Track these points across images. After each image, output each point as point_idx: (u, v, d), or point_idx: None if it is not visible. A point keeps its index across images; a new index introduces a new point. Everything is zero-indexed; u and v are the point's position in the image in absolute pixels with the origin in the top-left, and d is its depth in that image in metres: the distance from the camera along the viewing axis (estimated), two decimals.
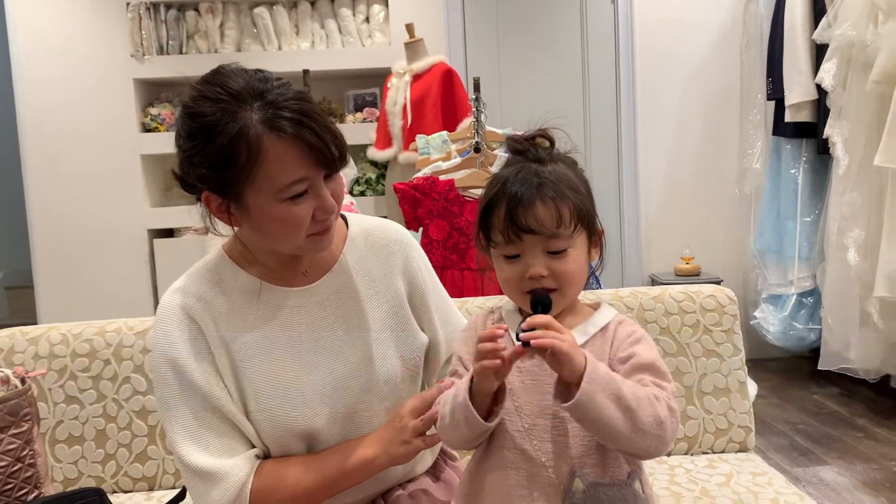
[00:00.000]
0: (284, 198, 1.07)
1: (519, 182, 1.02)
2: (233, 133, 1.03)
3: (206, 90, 1.06)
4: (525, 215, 1.00)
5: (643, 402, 0.94)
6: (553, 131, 1.11)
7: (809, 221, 3.51)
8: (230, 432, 1.13)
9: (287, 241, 1.12)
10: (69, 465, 1.62)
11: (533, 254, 1.02)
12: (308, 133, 1.05)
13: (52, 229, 4.05)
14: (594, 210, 1.07)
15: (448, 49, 3.97)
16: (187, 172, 1.10)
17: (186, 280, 1.18)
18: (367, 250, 1.25)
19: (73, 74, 3.98)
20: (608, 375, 0.94)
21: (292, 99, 1.06)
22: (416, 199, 2.21)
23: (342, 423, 1.18)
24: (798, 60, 3.39)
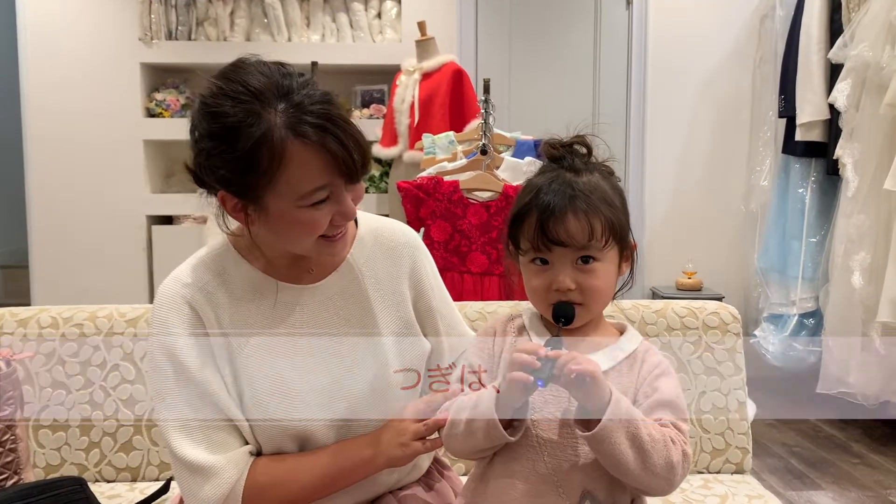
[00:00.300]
0: (305, 204, 1.03)
1: (552, 192, 1.01)
2: (256, 137, 0.99)
3: (227, 87, 1.02)
4: (556, 227, 0.99)
5: (658, 444, 0.94)
6: (591, 138, 1.08)
7: (815, 242, 3.48)
8: (224, 427, 1.10)
9: (301, 243, 1.09)
10: (52, 451, 1.58)
11: (562, 266, 1.01)
12: (332, 140, 1.01)
13: (50, 210, 4.02)
14: (627, 223, 1.05)
15: (459, 49, 3.94)
16: (205, 172, 1.06)
17: (188, 268, 1.14)
18: (375, 251, 1.22)
19: (80, 55, 3.94)
20: (629, 413, 0.94)
21: (318, 102, 1.02)
22: (420, 198, 2.18)
23: (337, 427, 1.15)
24: (811, 79, 3.36)
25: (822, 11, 3.35)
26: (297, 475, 1.11)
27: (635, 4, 4.02)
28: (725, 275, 4.04)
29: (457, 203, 2.19)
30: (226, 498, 1.07)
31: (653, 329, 1.69)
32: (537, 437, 1.00)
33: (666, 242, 4.05)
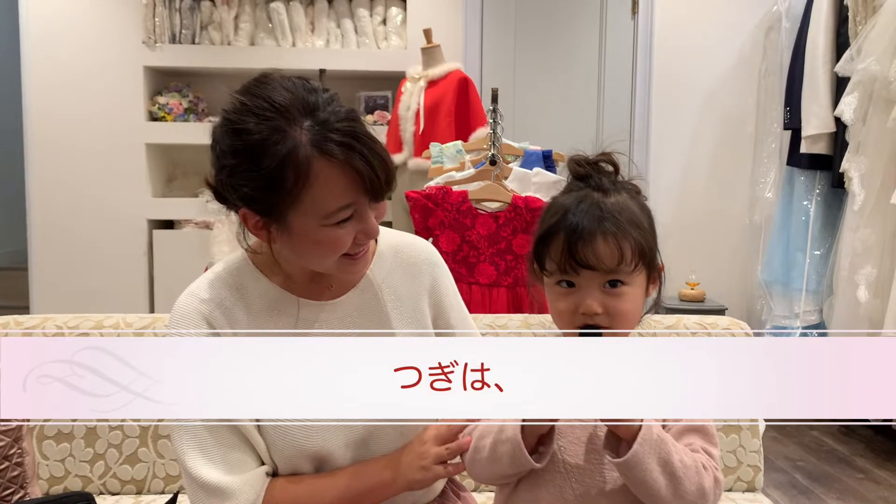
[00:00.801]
0: (330, 223, 1.02)
1: (580, 213, 0.98)
2: (282, 155, 0.97)
3: (251, 103, 1.00)
4: (584, 250, 0.96)
5: (690, 470, 0.92)
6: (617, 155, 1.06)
7: (819, 255, 3.47)
8: (241, 447, 1.08)
9: (323, 261, 1.07)
10: (56, 463, 1.56)
11: (589, 289, 0.98)
12: (358, 158, 0.99)
13: (50, 212, 3.99)
14: (656, 245, 1.03)
15: (464, 57, 3.93)
16: (227, 189, 1.03)
17: (205, 283, 1.12)
18: (395, 268, 1.20)
19: (82, 57, 3.92)
20: (660, 438, 0.92)
21: (344, 120, 1.00)
22: (428, 208, 2.16)
23: (355, 448, 1.13)
24: (817, 92, 3.36)
25: (828, 24, 3.35)
26: (314, 497, 1.09)
27: (640, 14, 4.02)
28: (729, 286, 4.03)
29: (465, 213, 2.18)
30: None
31: None
32: (564, 463, 0.99)
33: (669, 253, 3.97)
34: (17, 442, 1.28)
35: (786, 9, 3.75)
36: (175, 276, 3.87)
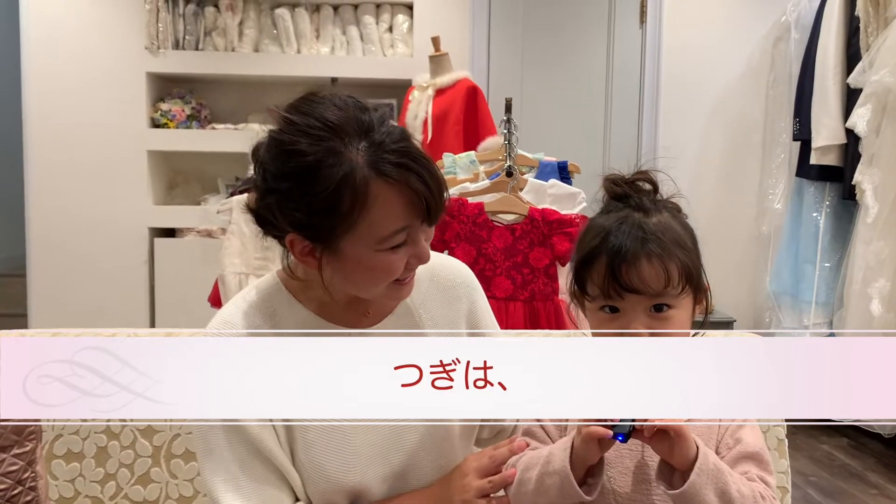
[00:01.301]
0: (384, 248, 0.97)
1: (622, 235, 0.94)
2: (338, 178, 0.93)
3: (303, 122, 0.95)
4: (629, 274, 0.93)
5: (748, 500, 0.89)
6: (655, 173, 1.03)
7: (829, 267, 3.45)
8: (276, 482, 1.03)
9: (374, 288, 1.02)
10: (65, 484, 1.51)
11: (635, 314, 0.95)
12: (415, 179, 0.95)
13: (49, 218, 3.94)
14: (701, 265, 1.00)
15: (471, 65, 3.90)
16: (274, 214, 0.98)
17: (238, 310, 1.07)
18: (431, 292, 1.15)
19: (84, 63, 3.88)
20: (716, 467, 0.88)
21: (399, 140, 0.96)
22: (445, 220, 2.12)
23: (392, 481, 1.08)
24: (828, 103, 3.34)
25: (839, 35, 3.33)
26: None
27: (649, 23, 4.00)
28: (737, 298, 4.00)
29: (481, 226, 2.14)
30: None
31: None
32: (613, 493, 0.95)
33: None
34: (30, 465, 1.23)
35: (795, 19, 3.74)
36: (176, 284, 3.85)
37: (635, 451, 0.96)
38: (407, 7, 3.99)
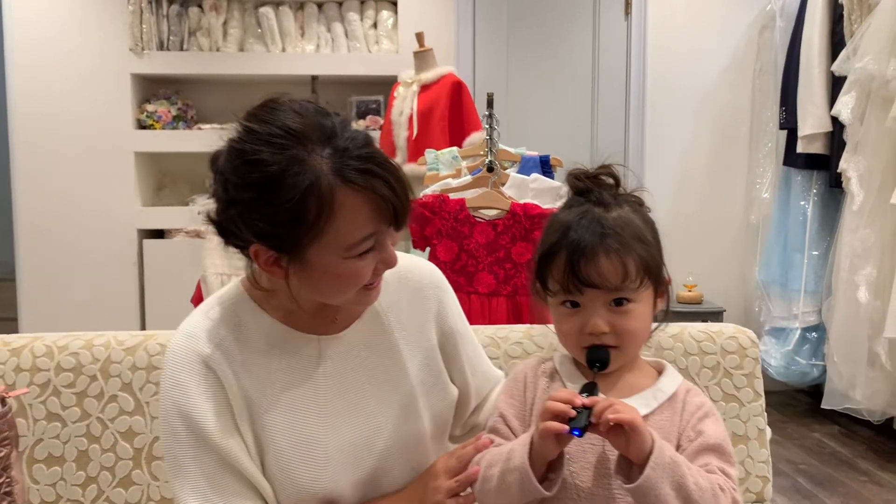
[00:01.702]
0: (352, 255, 0.96)
1: (581, 230, 0.95)
2: (303, 186, 0.90)
3: (263, 130, 0.93)
4: (587, 268, 0.93)
5: (706, 493, 0.88)
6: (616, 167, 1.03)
7: (817, 255, 3.45)
8: (247, 493, 1.02)
9: (341, 295, 1.01)
10: (47, 487, 1.51)
11: (594, 308, 0.95)
12: (381, 184, 0.93)
13: (38, 222, 3.93)
14: (662, 259, 1.00)
15: (456, 61, 3.89)
16: (237, 225, 0.96)
17: (203, 321, 1.05)
18: (399, 294, 1.14)
19: (69, 65, 3.86)
20: (673, 461, 0.87)
21: (363, 145, 0.94)
22: (425, 217, 2.12)
23: (365, 486, 1.08)
24: (813, 91, 3.34)
25: (823, 23, 3.33)
26: None
27: (634, 15, 3.99)
28: (726, 288, 4.00)
29: (463, 222, 2.14)
30: None
31: (669, 354, 1.64)
32: (576, 488, 0.95)
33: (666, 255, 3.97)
34: (5, 471, 1.23)
35: (780, 7, 3.74)
36: (166, 285, 3.84)
37: (597, 446, 0.95)
38: (391, 3, 3.98)
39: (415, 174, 3.15)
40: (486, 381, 1.22)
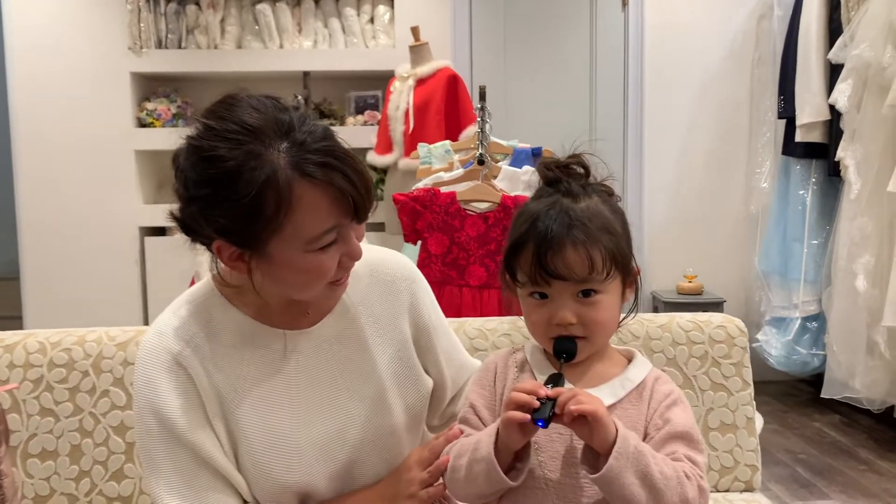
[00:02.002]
0: (313, 248, 0.96)
1: (549, 220, 0.95)
2: (260, 181, 0.91)
3: (221, 127, 0.93)
4: (554, 260, 0.94)
5: (671, 482, 0.89)
6: (588, 157, 1.03)
7: (817, 244, 3.44)
8: (222, 488, 1.03)
9: (309, 290, 1.01)
10: (41, 482, 1.53)
11: (562, 300, 0.96)
12: (340, 177, 0.94)
13: (41, 221, 3.96)
14: (630, 250, 1.00)
15: (453, 54, 3.89)
16: (198, 222, 0.97)
17: (173, 319, 1.06)
18: (371, 288, 1.14)
19: (68, 65, 3.89)
20: (637, 451, 0.88)
21: (321, 139, 0.95)
22: (416, 211, 2.13)
23: (339, 478, 1.09)
24: (811, 80, 3.32)
25: (820, 11, 3.31)
26: None
27: (631, 6, 3.98)
28: (726, 278, 4.00)
29: (454, 215, 2.14)
30: None
31: (658, 344, 1.64)
32: (544, 479, 0.95)
33: (666, 247, 4.00)
34: None
35: None
36: (168, 282, 3.85)
37: (564, 436, 0.96)
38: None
39: (411, 169, 3.16)
40: (462, 372, 1.22)
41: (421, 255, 2.16)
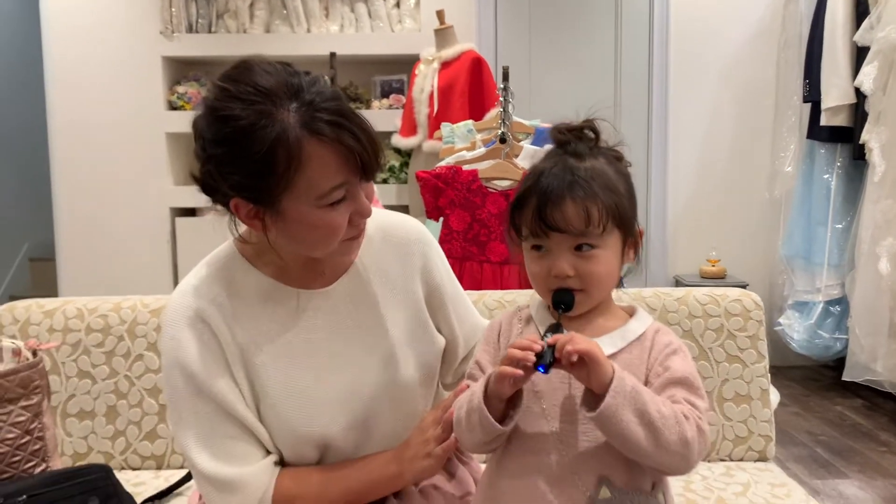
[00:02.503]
0: (324, 204, 1.01)
1: (552, 177, 0.99)
2: (271, 138, 0.96)
3: (235, 89, 0.98)
4: (553, 213, 0.97)
5: (669, 420, 0.91)
6: (601, 123, 1.06)
7: (841, 228, 3.43)
8: (246, 438, 1.09)
9: (323, 247, 1.06)
10: (79, 440, 1.61)
11: (560, 252, 0.99)
12: (348, 136, 0.99)
13: (76, 203, 4.07)
14: (632, 210, 1.03)
15: (478, 37, 3.92)
16: (215, 179, 1.02)
17: (197, 280, 1.12)
18: (384, 250, 1.19)
19: (102, 50, 3.98)
20: (635, 390, 0.91)
21: (330, 99, 1.00)
22: (439, 188, 2.18)
23: (357, 430, 1.14)
24: (837, 63, 3.30)
25: None
26: (324, 489, 1.11)
27: None
28: (749, 262, 3.99)
29: (476, 192, 2.19)
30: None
31: (674, 317, 1.68)
32: (548, 424, 0.99)
33: (689, 230, 4.01)
34: (37, 417, 1.32)
35: None
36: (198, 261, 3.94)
37: (566, 384, 0.99)
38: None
39: (435, 150, 3.21)
40: (474, 332, 1.26)
41: (443, 232, 2.21)
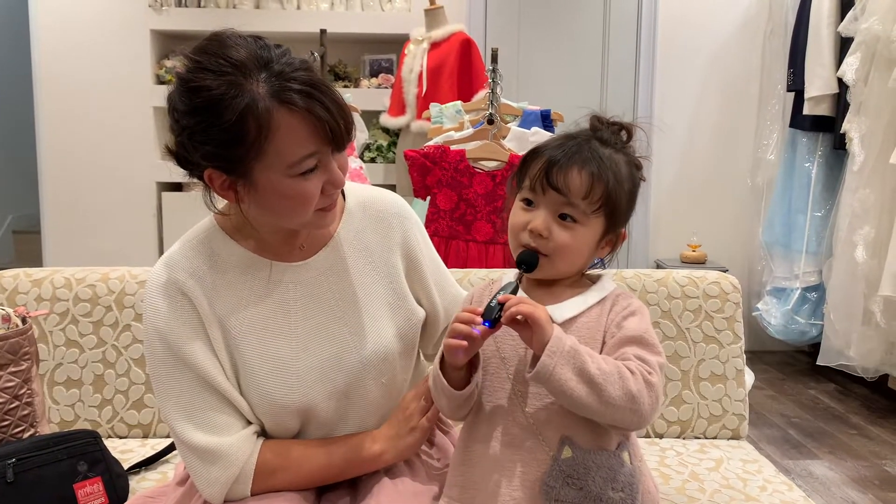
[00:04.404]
0: (295, 173, 1.03)
1: (571, 148, 1.04)
2: (241, 108, 0.98)
3: (206, 61, 1.00)
4: (558, 174, 1.02)
5: (611, 377, 0.94)
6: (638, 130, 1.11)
7: (820, 216, 3.49)
8: (226, 409, 1.12)
9: (296, 217, 1.08)
10: (66, 408, 1.63)
11: (546, 212, 1.03)
12: (318, 106, 1.01)
13: (61, 176, 4.06)
14: (625, 211, 1.07)
15: (468, 19, 3.93)
16: (188, 150, 1.04)
17: (177, 253, 1.14)
18: (364, 223, 1.22)
19: (90, 22, 3.96)
20: (573, 349, 0.95)
21: (300, 70, 1.02)
22: (426, 167, 2.20)
23: (337, 399, 1.16)
24: (821, 53, 3.35)
25: None
26: (306, 461, 1.14)
27: None
28: (730, 248, 4.06)
29: (463, 172, 2.21)
30: (235, 478, 1.10)
31: (653, 297, 1.72)
32: (514, 389, 1.03)
33: (671, 215, 4.06)
34: (26, 383, 1.34)
35: None
36: None
37: (530, 350, 1.03)
38: None
39: (423, 130, 3.23)
40: (454, 303, 1.29)
41: (430, 210, 2.24)
